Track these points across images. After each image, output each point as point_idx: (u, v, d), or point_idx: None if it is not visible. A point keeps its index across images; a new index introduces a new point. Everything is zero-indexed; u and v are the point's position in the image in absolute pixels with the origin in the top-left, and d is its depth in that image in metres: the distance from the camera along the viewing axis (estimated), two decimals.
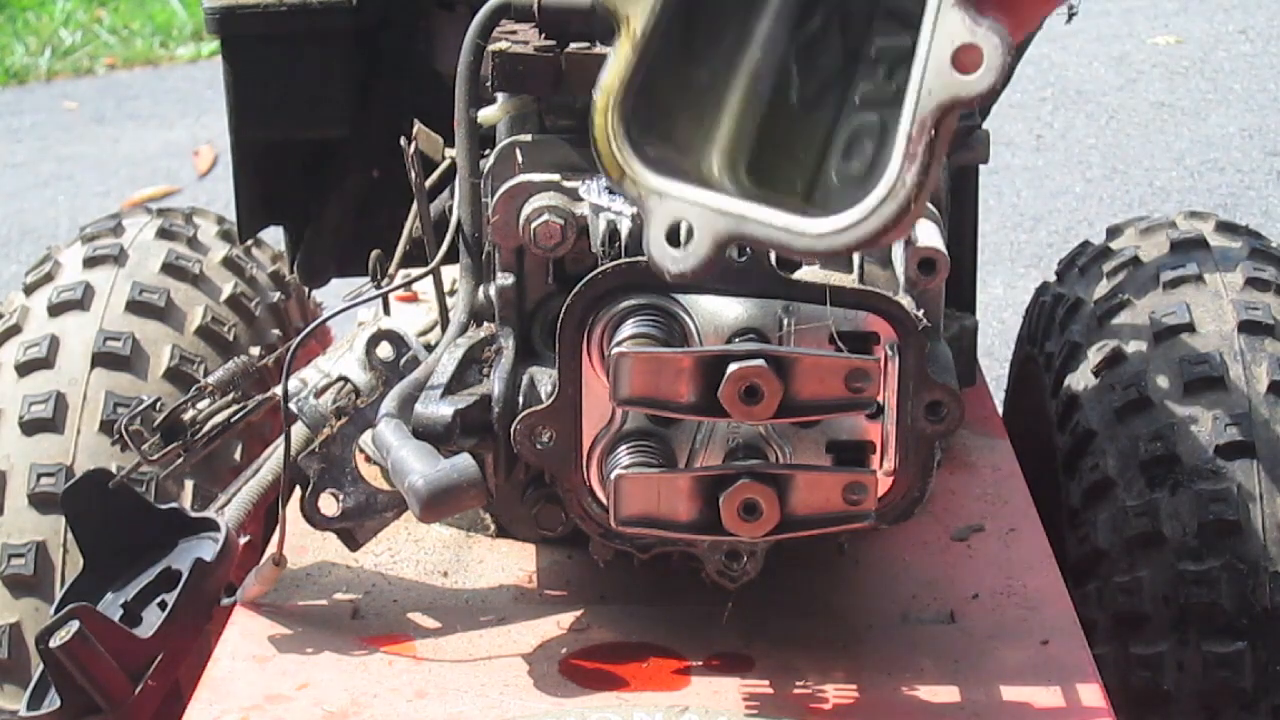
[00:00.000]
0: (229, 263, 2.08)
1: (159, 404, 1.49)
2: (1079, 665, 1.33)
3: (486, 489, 1.27)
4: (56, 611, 1.38)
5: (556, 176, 1.29)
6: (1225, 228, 2.01)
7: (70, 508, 1.50)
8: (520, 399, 1.27)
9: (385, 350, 1.44)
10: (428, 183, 1.50)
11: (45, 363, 1.85)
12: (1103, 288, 1.95)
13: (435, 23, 1.61)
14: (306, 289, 2.19)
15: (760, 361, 1.13)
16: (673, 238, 0.54)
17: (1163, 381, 1.76)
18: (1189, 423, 1.71)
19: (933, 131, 0.54)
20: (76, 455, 1.77)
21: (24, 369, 1.85)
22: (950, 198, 1.45)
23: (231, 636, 1.40)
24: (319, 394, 1.44)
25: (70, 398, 1.81)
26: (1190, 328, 1.80)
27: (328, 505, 1.43)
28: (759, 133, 0.64)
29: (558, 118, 1.39)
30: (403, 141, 1.45)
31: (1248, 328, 1.78)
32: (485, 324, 1.38)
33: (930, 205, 1.27)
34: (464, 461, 1.24)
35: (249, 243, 2.13)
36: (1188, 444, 1.70)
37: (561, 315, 1.21)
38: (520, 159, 1.33)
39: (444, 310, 1.54)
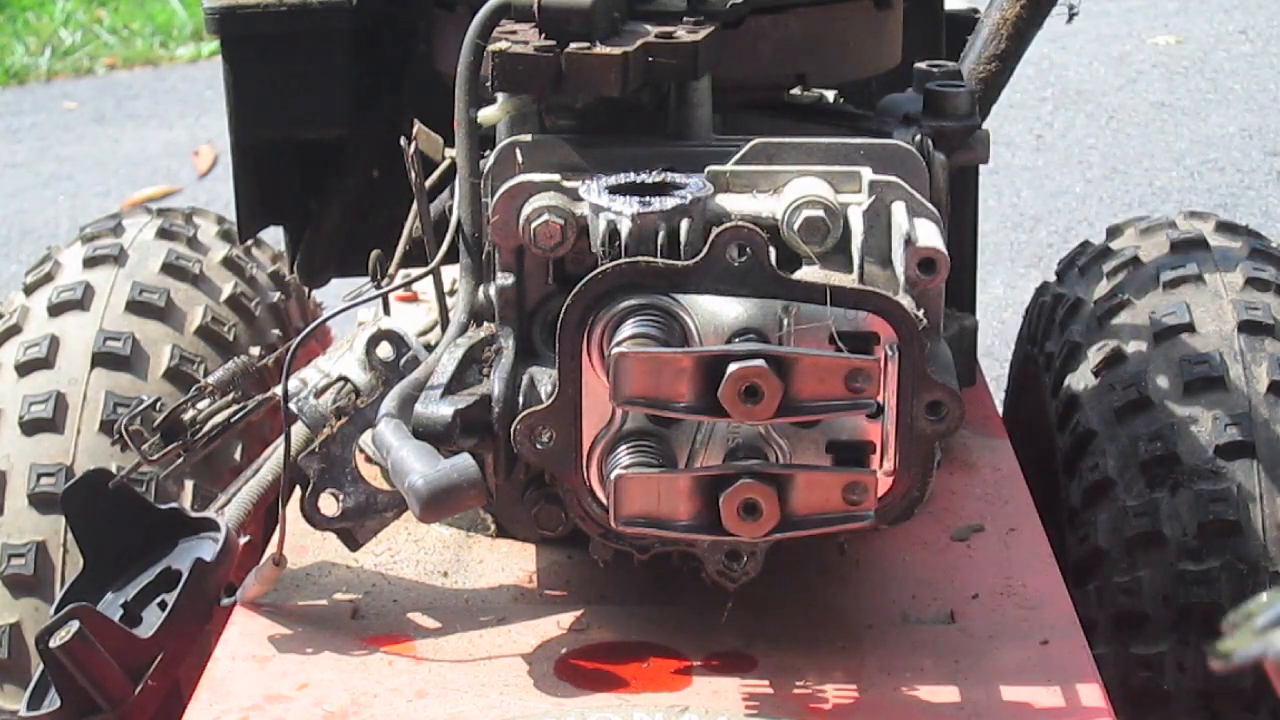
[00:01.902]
0: (229, 263, 2.08)
1: (159, 404, 1.49)
2: (1079, 665, 1.33)
3: (486, 489, 1.27)
4: (56, 611, 1.38)
5: (556, 176, 1.29)
6: (1225, 228, 2.01)
7: (70, 508, 1.50)
8: (520, 399, 1.27)
9: (385, 350, 1.44)
10: (428, 183, 1.50)
11: (45, 363, 1.85)
12: (1103, 288, 1.95)
13: (435, 23, 1.61)
14: (306, 289, 2.19)
15: (760, 361, 1.14)
16: None
17: (1163, 381, 1.76)
18: (1189, 423, 1.71)
19: None
20: (76, 455, 1.78)
21: (24, 369, 1.85)
22: (950, 198, 1.45)
23: (231, 636, 1.40)
24: (319, 394, 1.44)
25: (70, 398, 1.81)
26: (1190, 328, 1.80)
27: (328, 505, 1.43)
28: None
29: (558, 118, 1.39)
30: (403, 141, 1.45)
31: (1248, 328, 1.79)
32: (485, 324, 1.38)
33: (930, 205, 1.27)
34: (464, 461, 1.24)
35: (249, 243, 2.13)
36: (1188, 444, 1.70)
37: (561, 315, 1.21)
38: (520, 159, 1.33)
39: (444, 310, 1.54)
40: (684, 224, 1.23)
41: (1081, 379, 1.86)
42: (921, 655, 1.34)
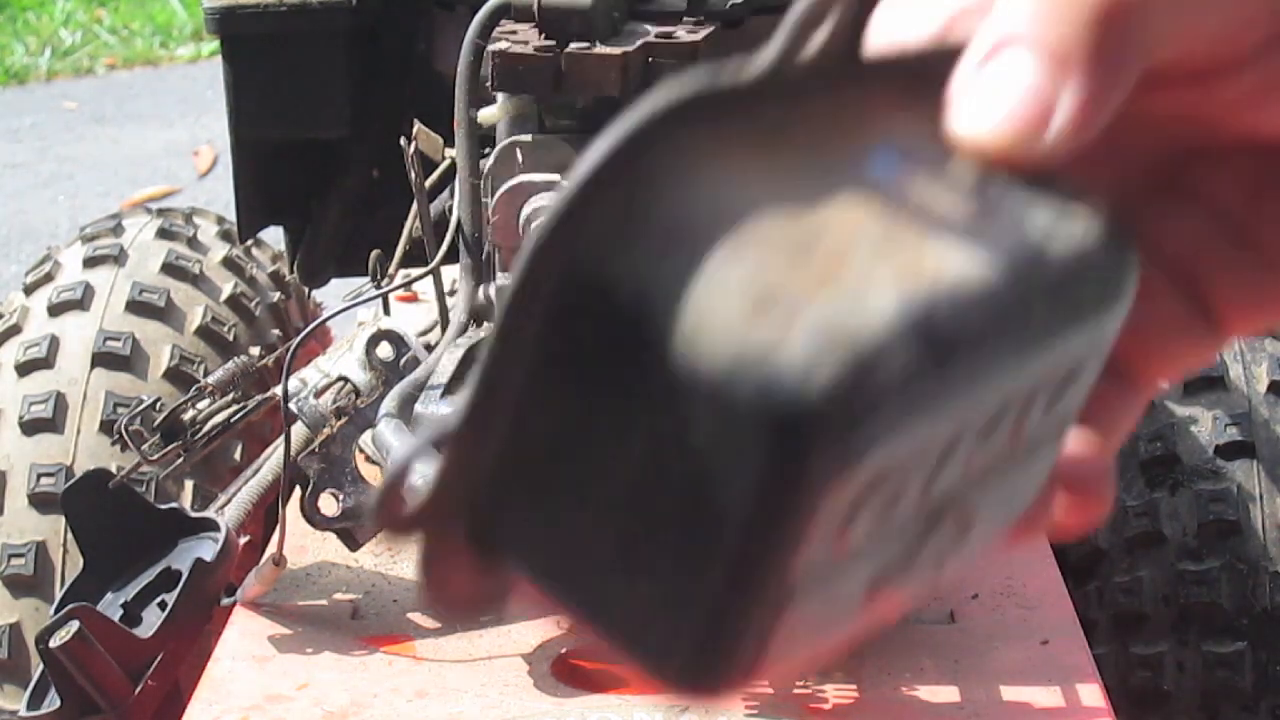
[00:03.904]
0: (229, 263, 2.08)
1: (159, 404, 1.49)
2: (1079, 665, 1.33)
3: None
4: (56, 611, 1.38)
5: (556, 176, 1.29)
6: None
7: (70, 508, 1.50)
8: None
9: (385, 350, 1.44)
10: (428, 183, 1.50)
11: (45, 363, 1.85)
12: None
13: (435, 23, 1.61)
14: (306, 289, 2.19)
15: None
16: None
17: None
18: (1189, 423, 1.71)
19: None
20: (76, 455, 1.77)
21: (24, 369, 1.85)
22: None
23: (231, 636, 1.40)
24: (319, 394, 1.44)
25: (70, 398, 1.81)
26: None
27: (328, 505, 1.43)
28: None
29: (558, 118, 1.39)
30: (403, 141, 1.45)
31: None
32: (485, 324, 1.38)
33: None
34: None
35: (249, 243, 2.13)
36: (1188, 444, 1.70)
37: None
38: (520, 159, 1.33)
39: (444, 310, 1.54)
40: None
41: None
42: (921, 655, 1.34)
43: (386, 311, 1.73)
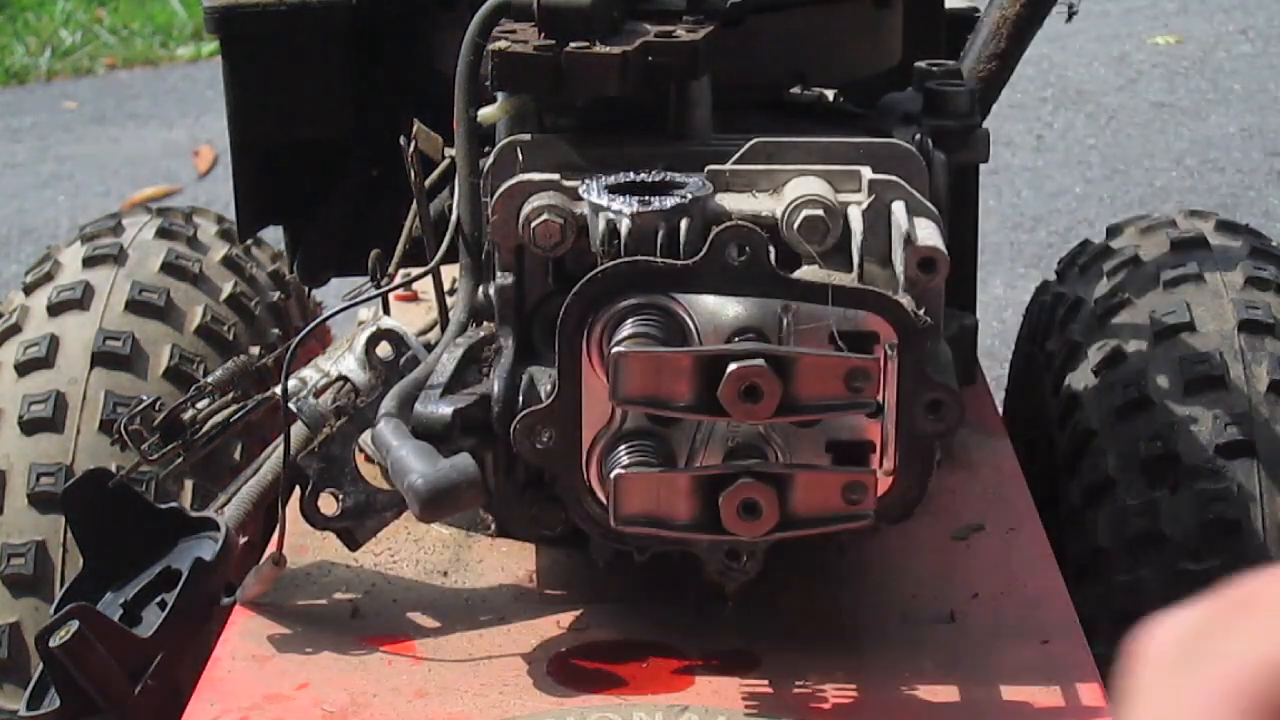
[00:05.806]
0: (229, 262, 2.08)
1: (159, 404, 1.49)
2: (1079, 665, 1.33)
3: (486, 489, 1.26)
4: (56, 611, 1.38)
5: (556, 176, 1.29)
6: (1225, 227, 2.01)
7: (70, 508, 1.50)
8: (520, 399, 1.27)
9: (385, 350, 1.44)
10: (428, 182, 1.50)
11: (45, 362, 1.85)
12: (1103, 287, 1.95)
13: (435, 22, 1.61)
14: (306, 289, 2.19)
15: (760, 361, 1.13)
16: None
17: (1163, 381, 1.76)
18: (1189, 422, 1.71)
19: None
20: (76, 455, 1.77)
21: (23, 369, 1.85)
22: (950, 197, 1.45)
23: (231, 636, 1.40)
24: (319, 394, 1.44)
25: (70, 397, 1.81)
26: (1190, 327, 1.80)
27: (328, 505, 1.43)
28: None
29: (557, 117, 1.39)
30: (402, 141, 1.45)
31: (1248, 327, 1.78)
32: (485, 324, 1.38)
33: (930, 205, 1.27)
34: (464, 461, 1.24)
35: (249, 242, 2.13)
36: (1188, 443, 1.69)
37: (561, 315, 1.21)
38: (520, 158, 1.33)
39: (444, 310, 1.54)
40: (684, 223, 1.23)
41: (1082, 378, 1.85)
42: (921, 655, 1.34)
43: (386, 311, 1.73)
